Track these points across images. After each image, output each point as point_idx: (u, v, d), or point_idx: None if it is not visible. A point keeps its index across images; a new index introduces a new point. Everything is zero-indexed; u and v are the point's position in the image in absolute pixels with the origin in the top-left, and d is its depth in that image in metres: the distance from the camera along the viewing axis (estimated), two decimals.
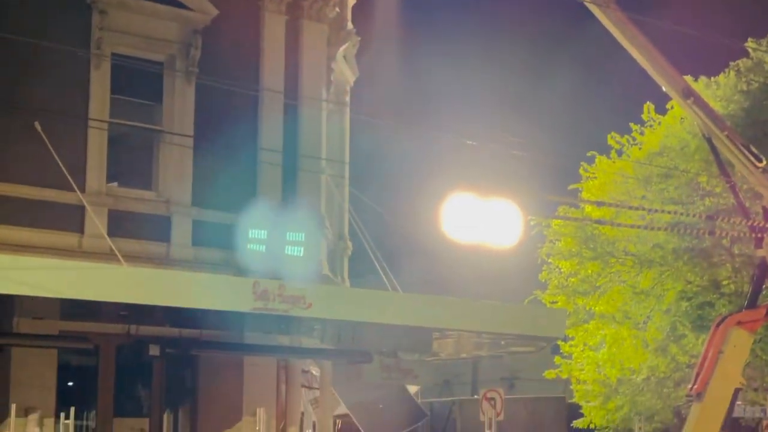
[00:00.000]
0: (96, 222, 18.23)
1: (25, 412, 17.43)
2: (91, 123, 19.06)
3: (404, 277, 27.79)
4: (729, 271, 28.35)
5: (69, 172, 17.89)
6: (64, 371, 18.72)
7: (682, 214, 26.19)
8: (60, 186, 18.18)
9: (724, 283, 28.46)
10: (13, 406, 16.79)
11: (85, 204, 18.26)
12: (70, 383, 19.42)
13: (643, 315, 28.96)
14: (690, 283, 28.32)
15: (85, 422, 19.38)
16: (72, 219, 18.67)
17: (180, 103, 20.24)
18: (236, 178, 20.61)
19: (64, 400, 17.51)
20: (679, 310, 28.15)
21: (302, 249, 13.37)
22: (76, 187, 18.01)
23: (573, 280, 29.83)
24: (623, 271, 28.93)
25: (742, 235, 25.65)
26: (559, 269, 30.13)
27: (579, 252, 29.36)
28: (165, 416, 20.66)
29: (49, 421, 17.67)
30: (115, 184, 19.67)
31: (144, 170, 20.25)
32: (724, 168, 24.54)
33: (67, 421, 15.38)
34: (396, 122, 23.53)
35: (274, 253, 14.70)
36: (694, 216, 26.28)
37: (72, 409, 15.46)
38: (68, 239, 18.53)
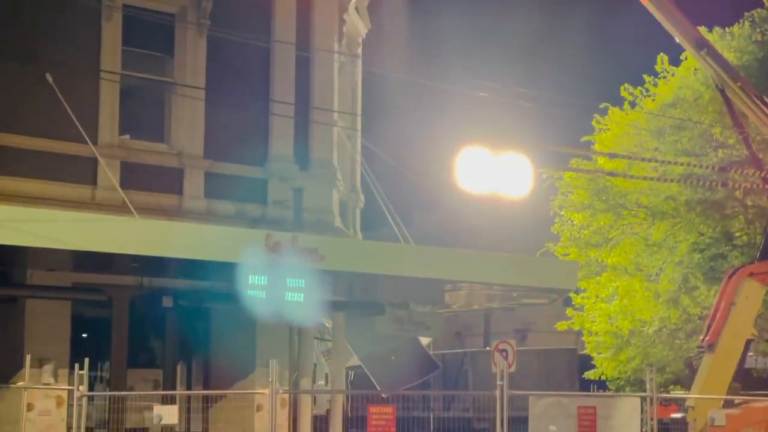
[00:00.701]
0: (108, 174, 18.26)
1: (39, 362, 17.58)
2: (102, 75, 19.03)
3: (416, 229, 27.82)
4: (742, 222, 28.30)
5: (81, 125, 17.89)
6: (77, 323, 18.83)
7: (695, 165, 26.13)
8: (72, 138, 18.19)
9: (737, 234, 28.42)
10: (28, 357, 16.92)
11: (98, 156, 18.28)
12: (84, 335, 19.53)
13: (656, 267, 28.97)
14: (702, 234, 28.29)
15: (99, 373, 19.52)
16: (84, 171, 18.70)
17: (192, 55, 20.19)
18: (248, 130, 20.61)
19: (78, 351, 17.62)
20: (692, 261, 28.14)
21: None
22: (88, 140, 18.01)
23: (585, 232, 29.81)
24: (635, 223, 28.91)
25: (755, 186, 25.60)
26: (572, 221, 30.11)
27: (591, 204, 29.32)
28: (178, 367, 20.80)
29: (64, 372, 17.80)
30: (127, 136, 19.67)
31: (156, 123, 20.24)
32: (737, 119, 24.44)
33: (81, 372, 15.47)
34: (408, 75, 23.45)
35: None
36: (707, 167, 26.21)
37: (86, 360, 15.55)
38: (81, 191, 18.57)
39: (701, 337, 23.83)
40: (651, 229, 28.68)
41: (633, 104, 29.49)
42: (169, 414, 15.48)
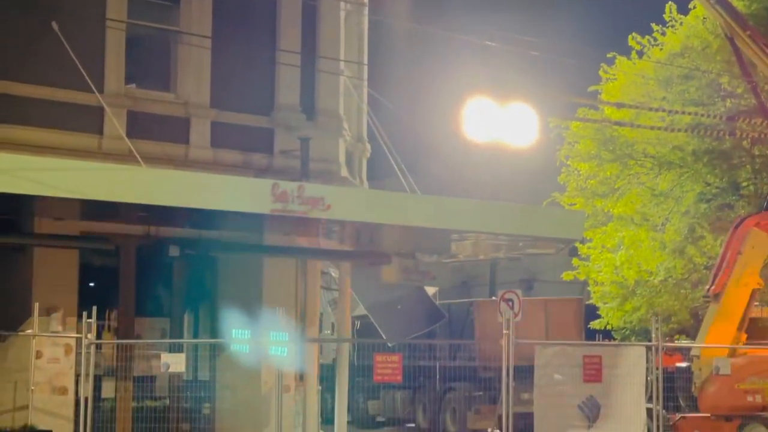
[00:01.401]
0: (115, 123, 18.23)
1: (47, 311, 17.67)
2: (108, 23, 18.95)
3: (423, 179, 27.80)
4: (749, 172, 28.26)
5: (87, 73, 17.83)
6: (85, 271, 18.91)
7: (702, 115, 26.05)
8: (78, 87, 18.13)
9: (744, 184, 28.39)
10: (36, 306, 17.01)
11: (104, 105, 18.24)
12: (92, 283, 19.61)
13: (662, 217, 28.97)
14: (709, 184, 28.27)
15: (107, 322, 19.62)
16: (91, 120, 18.67)
17: (198, 4, 20.07)
18: (255, 79, 20.55)
19: (85, 300, 17.70)
20: (698, 211, 28.14)
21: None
22: (94, 89, 17.97)
23: (592, 182, 29.80)
24: (642, 173, 28.88)
25: (762, 136, 25.54)
26: (578, 171, 30.08)
27: (598, 154, 29.27)
28: (185, 316, 20.90)
29: (72, 320, 17.89)
30: (133, 85, 19.62)
31: (162, 72, 20.18)
32: (746, 68, 24.33)
33: (89, 320, 15.56)
34: (414, 23, 23.31)
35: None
36: (714, 117, 26.13)
37: (94, 309, 15.63)
38: (87, 140, 18.56)
39: (707, 287, 23.88)
40: (657, 179, 28.66)
41: (641, 53, 29.35)
42: (177, 362, 15.59)
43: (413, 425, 27.75)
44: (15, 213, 17.75)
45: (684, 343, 26.67)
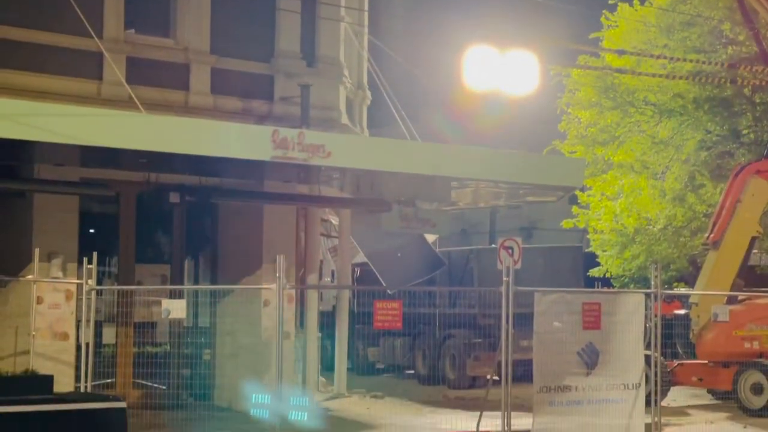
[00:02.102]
0: (114, 69, 18.16)
1: (48, 256, 17.71)
2: None
3: (423, 126, 27.74)
4: (749, 120, 28.20)
5: (86, 18, 17.72)
6: (85, 217, 18.92)
7: (704, 62, 25.93)
8: (77, 32, 18.03)
9: (744, 132, 28.34)
10: (37, 251, 17.04)
11: (103, 51, 18.16)
12: (92, 229, 19.64)
13: (662, 165, 28.95)
14: (710, 132, 28.21)
15: (107, 268, 19.67)
16: (90, 66, 18.60)
17: None
18: (255, 25, 20.44)
19: (86, 246, 17.73)
20: (698, 159, 28.11)
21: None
22: (93, 34, 17.87)
23: (592, 130, 29.72)
24: (643, 120, 28.80)
25: (763, 83, 25.43)
26: (579, 119, 29.99)
27: (599, 102, 29.18)
28: (185, 263, 20.95)
29: (72, 266, 17.94)
30: (133, 31, 19.52)
31: (162, 17, 20.06)
32: (747, 15, 24.20)
33: (89, 266, 15.59)
34: None
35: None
36: (715, 65, 26.01)
37: (94, 255, 15.66)
38: (87, 86, 18.50)
39: (706, 235, 23.93)
40: (658, 127, 28.59)
41: (642, 0, 29.15)
42: (177, 308, 15.62)
43: (412, 372, 27.91)
44: (15, 159, 17.72)
45: (683, 290, 26.76)
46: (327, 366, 24.40)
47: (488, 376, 17.79)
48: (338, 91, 21.67)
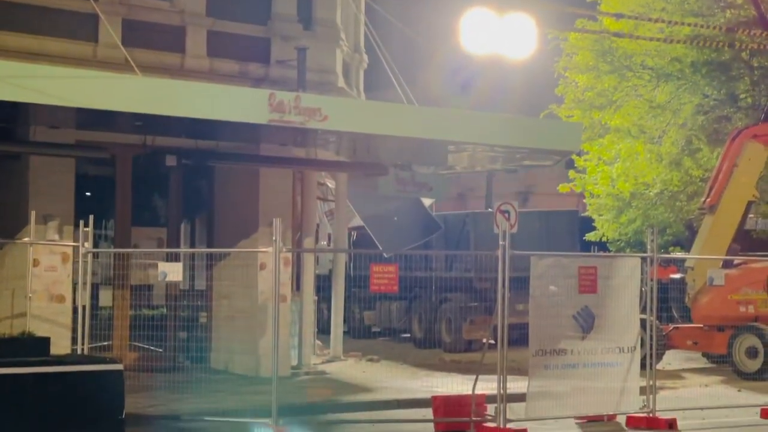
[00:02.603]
0: (110, 31, 18.06)
1: (44, 219, 17.69)
2: None
3: (420, 90, 27.66)
4: (747, 84, 28.15)
5: None
6: (81, 180, 18.88)
7: (701, 26, 25.84)
8: None
9: (742, 96, 28.30)
10: (33, 214, 17.02)
11: (99, 12, 18.05)
12: (88, 192, 19.61)
13: (659, 129, 28.93)
14: (707, 96, 28.17)
15: (103, 231, 19.66)
16: (86, 28, 18.50)
17: None
18: None
19: (82, 209, 17.69)
20: (695, 124, 28.08)
21: None
22: None
23: (589, 94, 29.67)
24: (640, 85, 28.76)
25: (761, 47, 25.37)
26: (576, 83, 29.94)
27: (596, 66, 29.11)
28: (182, 226, 20.95)
29: (68, 229, 17.92)
30: None
31: None
32: None
33: (86, 229, 15.56)
34: None
35: None
36: (713, 28, 25.93)
37: (91, 217, 15.64)
38: (82, 48, 18.41)
39: (702, 199, 23.95)
40: (655, 91, 28.54)
41: None
42: (174, 271, 15.62)
43: (408, 335, 27.99)
44: (11, 121, 17.67)
45: (679, 254, 26.81)
46: (323, 329, 24.47)
47: (484, 340, 17.85)
48: (335, 54, 21.58)
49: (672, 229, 29.48)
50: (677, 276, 23.62)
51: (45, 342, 13.80)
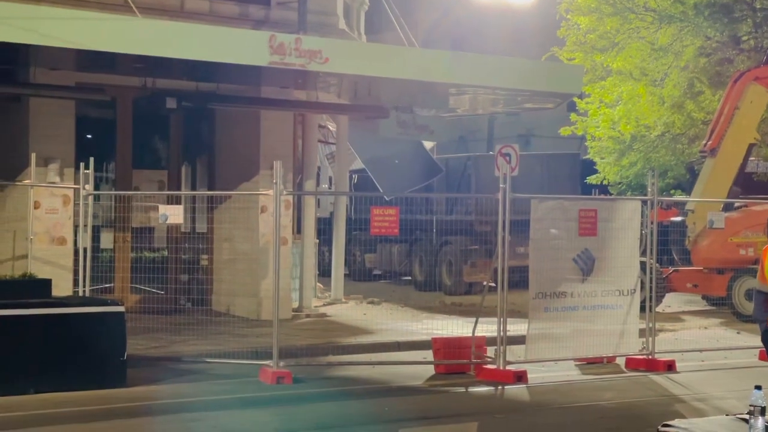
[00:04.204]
0: None
1: (44, 161, 17.68)
2: None
3: (421, 32, 27.50)
4: (749, 26, 27.97)
5: None
6: (82, 123, 18.83)
7: None
8: None
9: (744, 38, 28.14)
10: (33, 156, 17.00)
11: None
12: (89, 135, 19.58)
13: (661, 72, 28.80)
14: (709, 39, 28.01)
15: (104, 174, 19.66)
16: None
17: None
18: None
19: (82, 151, 17.68)
20: (697, 66, 27.95)
21: None
22: None
23: (591, 36, 29.49)
24: (642, 27, 28.57)
25: None
26: (578, 25, 29.74)
27: (598, 8, 28.90)
28: (183, 168, 20.95)
29: (69, 171, 17.91)
30: None
31: None
32: None
33: (86, 171, 15.55)
34: None
35: None
36: None
37: (91, 160, 15.62)
38: None
39: (704, 142, 23.92)
40: (657, 34, 28.37)
41: None
42: (175, 214, 15.63)
43: (409, 278, 28.10)
44: (10, 63, 17.60)
45: (679, 197, 26.82)
46: (324, 272, 24.55)
47: (484, 283, 17.89)
48: None
49: (673, 172, 29.46)
50: (677, 219, 23.64)
51: (47, 284, 13.87)
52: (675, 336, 19.03)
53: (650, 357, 15.56)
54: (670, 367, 15.40)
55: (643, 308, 15.80)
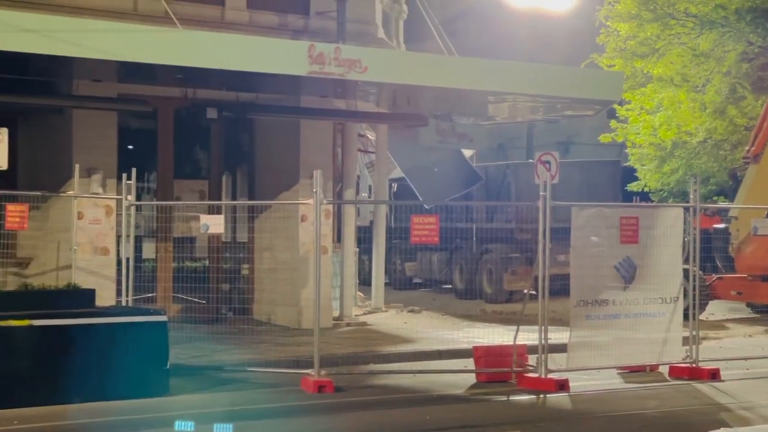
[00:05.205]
0: None
1: (88, 172, 17.82)
2: None
3: (460, 41, 27.51)
4: None
5: None
6: (124, 133, 18.98)
7: None
8: None
9: None
10: (77, 167, 17.14)
11: None
12: (130, 146, 19.72)
13: (702, 77, 28.62)
14: (751, 44, 27.82)
15: (146, 184, 19.79)
16: None
17: None
18: None
19: (124, 162, 17.82)
20: (740, 71, 27.76)
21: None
22: None
23: (631, 42, 29.37)
24: (683, 32, 28.42)
25: None
26: (618, 32, 29.63)
27: (638, 14, 28.78)
28: (223, 178, 21.05)
29: (112, 182, 18.05)
30: None
31: None
32: None
33: (129, 182, 15.68)
34: None
35: None
36: None
37: (133, 170, 15.74)
38: (123, 2, 18.42)
39: (747, 148, 23.74)
40: (699, 39, 28.20)
41: None
42: (216, 224, 15.72)
43: (449, 286, 28.05)
44: (54, 75, 17.78)
45: (722, 204, 26.62)
46: (364, 281, 24.57)
47: (525, 291, 17.84)
48: (374, 5, 21.49)
49: (715, 178, 29.26)
50: (721, 226, 23.47)
51: (90, 294, 13.96)
52: (719, 344, 18.88)
53: (694, 365, 15.43)
54: (714, 375, 15.27)
55: (686, 316, 15.68)
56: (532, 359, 14.80)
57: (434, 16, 22.74)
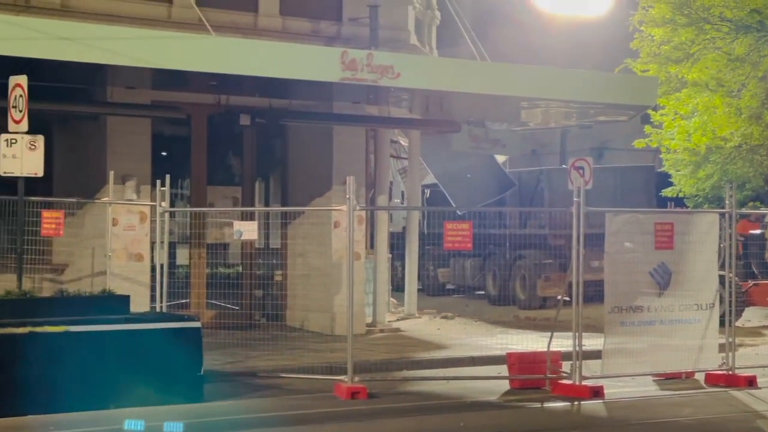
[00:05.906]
0: None
1: (122, 179, 17.92)
2: None
3: (493, 46, 27.46)
4: None
5: None
6: (157, 140, 19.07)
7: None
8: None
9: None
10: (111, 174, 17.24)
11: None
12: (164, 152, 19.80)
13: (738, 82, 28.39)
14: None
15: (179, 190, 19.88)
16: None
17: None
18: None
19: (158, 169, 17.91)
20: None
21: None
22: None
23: (665, 47, 29.18)
24: (718, 37, 28.20)
25: None
26: (652, 37, 29.45)
27: (673, 19, 28.59)
28: (256, 184, 21.10)
29: (146, 189, 18.14)
30: None
31: None
32: None
33: (162, 188, 15.75)
34: None
35: None
36: None
37: (167, 177, 15.81)
38: (156, 9, 18.54)
39: None
40: (734, 44, 27.99)
41: None
42: (249, 230, 15.75)
43: (483, 293, 27.99)
44: (88, 82, 17.89)
45: (759, 210, 26.40)
46: (397, 287, 24.55)
47: (559, 297, 17.77)
48: (407, 11, 21.49)
49: (751, 183, 29.04)
50: (757, 232, 23.28)
51: (125, 300, 14.03)
52: (755, 351, 18.71)
53: (730, 372, 15.31)
54: (750, 382, 15.14)
55: (722, 323, 15.56)
56: (566, 366, 14.73)
57: (467, 21, 22.73)
